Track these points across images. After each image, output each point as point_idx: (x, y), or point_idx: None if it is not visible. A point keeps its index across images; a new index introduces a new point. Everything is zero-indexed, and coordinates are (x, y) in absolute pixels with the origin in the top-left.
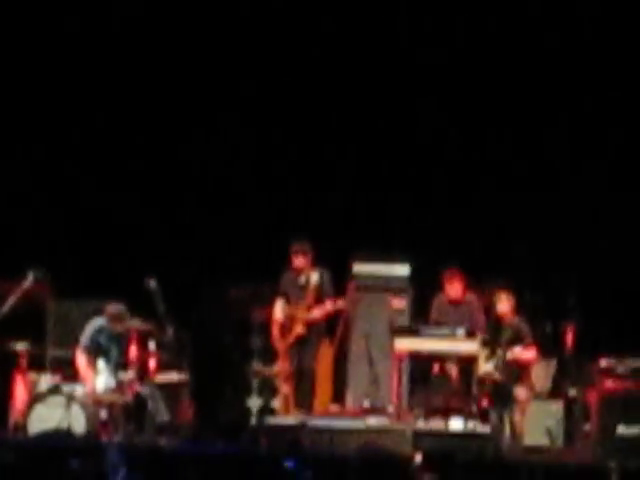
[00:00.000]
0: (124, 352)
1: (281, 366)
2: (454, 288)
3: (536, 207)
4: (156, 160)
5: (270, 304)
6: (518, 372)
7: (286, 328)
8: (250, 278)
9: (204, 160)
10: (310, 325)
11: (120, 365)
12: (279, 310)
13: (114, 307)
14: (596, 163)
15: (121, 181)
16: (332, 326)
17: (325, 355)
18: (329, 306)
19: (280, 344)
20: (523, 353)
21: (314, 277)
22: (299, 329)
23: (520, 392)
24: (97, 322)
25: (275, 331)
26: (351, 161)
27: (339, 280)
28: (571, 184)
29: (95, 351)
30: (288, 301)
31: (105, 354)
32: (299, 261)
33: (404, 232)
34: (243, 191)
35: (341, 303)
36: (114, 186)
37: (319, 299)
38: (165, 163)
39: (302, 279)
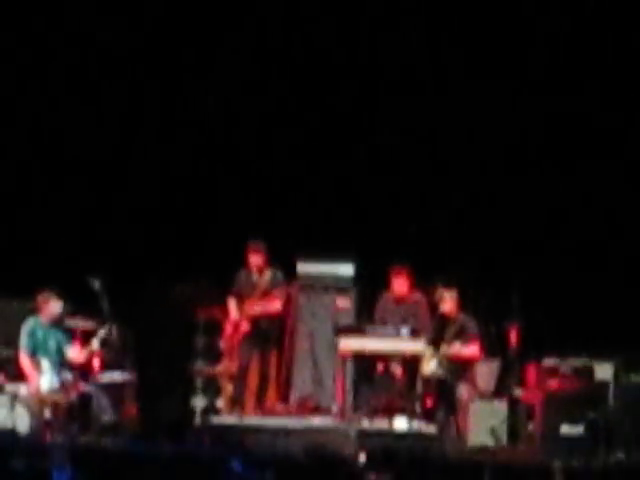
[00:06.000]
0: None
1: (226, 365)
2: (400, 284)
3: (480, 207)
4: (100, 153)
5: (217, 304)
6: (461, 370)
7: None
8: (195, 277)
9: (151, 155)
10: (256, 324)
11: (64, 365)
12: (234, 310)
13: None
14: (543, 167)
15: (62, 177)
16: (279, 327)
17: (271, 355)
18: (267, 305)
19: (226, 343)
20: (464, 348)
21: (266, 276)
22: (244, 327)
23: (463, 391)
24: (29, 322)
25: (229, 330)
26: (297, 160)
27: (290, 281)
28: (515, 185)
29: (34, 349)
30: (241, 300)
31: (44, 350)
32: (254, 259)
33: (348, 231)
34: (190, 188)
35: (276, 304)
36: (56, 184)
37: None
38: (108, 157)
39: (255, 277)
